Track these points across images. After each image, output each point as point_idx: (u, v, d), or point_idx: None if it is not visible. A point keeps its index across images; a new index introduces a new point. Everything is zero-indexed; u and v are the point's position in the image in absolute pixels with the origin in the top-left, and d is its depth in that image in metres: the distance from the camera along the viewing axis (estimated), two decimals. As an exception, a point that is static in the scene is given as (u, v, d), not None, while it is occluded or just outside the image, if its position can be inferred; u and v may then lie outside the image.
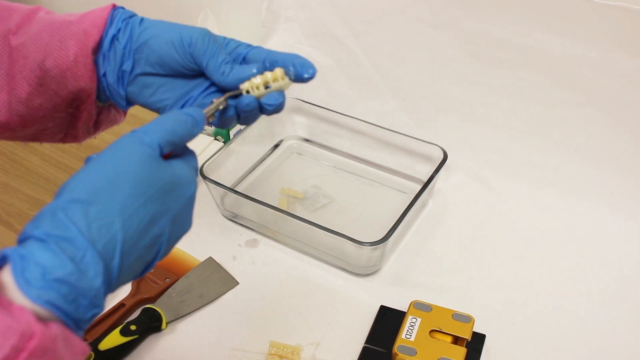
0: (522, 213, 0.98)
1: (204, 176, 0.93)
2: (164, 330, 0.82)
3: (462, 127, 1.08)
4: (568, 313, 0.85)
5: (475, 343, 0.79)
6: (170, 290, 0.86)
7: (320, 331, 0.82)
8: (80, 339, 0.44)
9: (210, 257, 0.91)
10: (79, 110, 0.62)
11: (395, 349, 0.75)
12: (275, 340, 0.80)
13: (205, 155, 1.00)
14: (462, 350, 0.75)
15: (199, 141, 1.07)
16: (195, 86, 0.60)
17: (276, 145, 1.10)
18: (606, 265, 0.91)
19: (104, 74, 0.60)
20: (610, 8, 0.88)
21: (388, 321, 0.82)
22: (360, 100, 1.15)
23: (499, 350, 0.80)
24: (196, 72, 0.59)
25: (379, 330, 0.82)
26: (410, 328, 0.77)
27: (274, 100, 0.58)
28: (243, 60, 0.60)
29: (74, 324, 0.43)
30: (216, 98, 0.58)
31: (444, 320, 0.78)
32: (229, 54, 0.59)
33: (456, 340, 0.77)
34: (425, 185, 0.93)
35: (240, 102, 0.58)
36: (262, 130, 1.07)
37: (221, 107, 0.57)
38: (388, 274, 0.90)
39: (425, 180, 0.94)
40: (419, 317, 0.78)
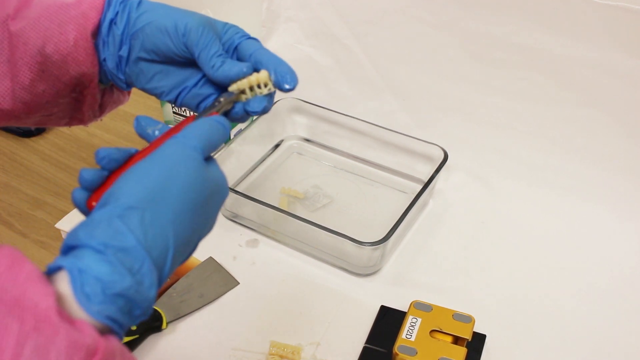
0: (522, 213, 0.98)
1: (204, 176, 0.93)
2: (164, 330, 0.82)
3: (462, 127, 1.08)
4: (568, 313, 0.85)
5: (476, 343, 0.79)
6: (170, 290, 0.86)
7: (320, 331, 0.82)
8: (129, 350, 0.44)
9: (211, 257, 0.91)
10: (82, 94, 0.62)
11: (396, 349, 0.75)
12: (275, 340, 0.80)
13: (206, 155, 1.00)
14: (463, 351, 0.75)
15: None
16: (190, 75, 0.59)
17: (276, 145, 1.10)
18: (606, 265, 0.91)
19: (104, 59, 0.60)
20: (610, 8, 0.89)
21: (388, 321, 0.82)
22: (360, 100, 1.15)
23: (499, 350, 0.80)
24: (191, 61, 0.58)
25: (379, 330, 0.82)
26: (410, 328, 0.77)
27: (257, 107, 0.57)
28: (235, 50, 0.58)
29: (122, 332, 0.43)
30: (223, 98, 0.57)
31: (444, 320, 0.78)
32: (224, 43, 0.58)
33: (456, 340, 0.77)
34: (426, 185, 0.93)
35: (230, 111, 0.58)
36: (263, 130, 1.07)
37: (228, 108, 0.57)
38: (388, 274, 0.90)
39: (426, 180, 0.94)
40: (419, 317, 0.78)
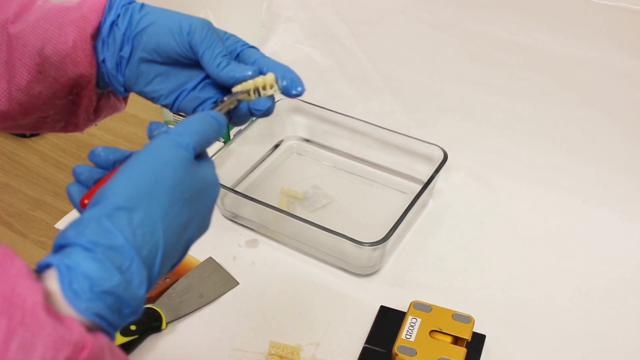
0: (522, 213, 0.98)
1: (204, 176, 0.93)
2: (164, 330, 0.82)
3: (462, 127, 1.08)
4: (568, 313, 0.85)
5: (475, 343, 0.79)
6: (170, 290, 0.86)
7: (320, 331, 0.82)
8: (120, 349, 0.44)
9: (210, 257, 0.91)
10: (79, 96, 0.62)
11: (395, 349, 0.75)
12: (275, 340, 0.80)
13: (205, 155, 1.00)
14: (462, 351, 0.75)
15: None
16: (190, 78, 0.60)
17: (276, 145, 1.10)
18: (606, 265, 0.91)
19: (103, 60, 0.60)
20: (610, 8, 0.88)
21: (388, 321, 0.82)
22: (360, 100, 1.15)
23: (499, 351, 0.80)
24: (192, 62, 0.59)
25: (379, 331, 0.82)
26: (410, 328, 0.77)
27: (262, 105, 0.57)
28: (237, 57, 0.59)
29: (112, 330, 0.43)
30: (227, 97, 0.57)
31: (444, 321, 0.78)
32: (227, 48, 0.59)
33: (456, 340, 0.77)
34: (426, 185, 0.93)
35: (235, 109, 0.58)
36: (262, 130, 1.07)
37: (232, 107, 0.57)
38: (388, 274, 0.90)
39: (426, 180, 0.94)
40: (419, 318, 0.78)
